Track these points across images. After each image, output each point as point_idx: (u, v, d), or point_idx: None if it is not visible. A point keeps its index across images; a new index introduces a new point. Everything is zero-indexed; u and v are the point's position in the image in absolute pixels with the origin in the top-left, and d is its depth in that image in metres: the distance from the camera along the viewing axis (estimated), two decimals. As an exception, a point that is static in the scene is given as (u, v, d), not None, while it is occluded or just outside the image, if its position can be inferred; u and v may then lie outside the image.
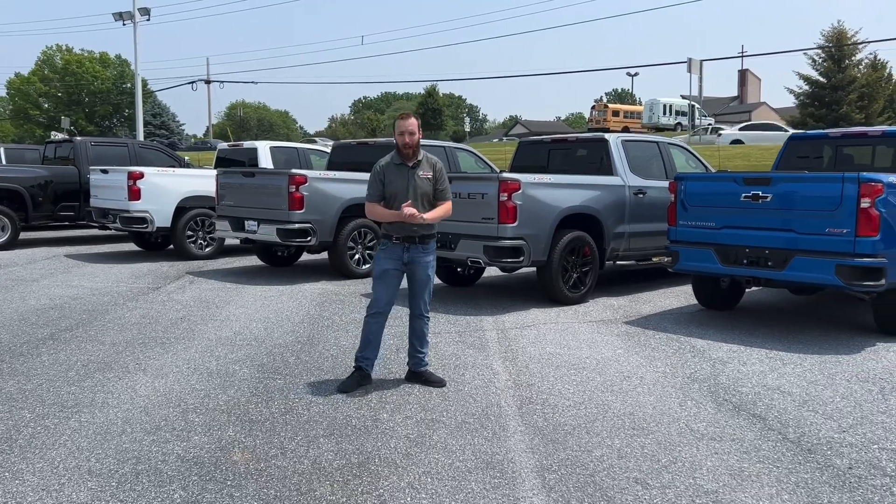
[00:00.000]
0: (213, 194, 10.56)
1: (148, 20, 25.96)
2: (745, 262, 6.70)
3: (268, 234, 9.49)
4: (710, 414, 4.56)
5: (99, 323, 6.99)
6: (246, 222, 9.87)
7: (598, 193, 8.35)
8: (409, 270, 5.05)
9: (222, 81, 62.09)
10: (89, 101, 77.13)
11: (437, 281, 9.52)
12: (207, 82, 62.44)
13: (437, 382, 5.10)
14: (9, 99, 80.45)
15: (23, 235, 14.39)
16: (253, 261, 11.50)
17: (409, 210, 4.78)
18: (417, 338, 5.16)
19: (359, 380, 5.02)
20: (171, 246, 12.05)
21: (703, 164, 10.08)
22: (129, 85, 78.93)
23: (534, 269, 8.18)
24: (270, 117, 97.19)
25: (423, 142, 4.92)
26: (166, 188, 11.48)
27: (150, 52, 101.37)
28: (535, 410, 4.60)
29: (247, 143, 13.28)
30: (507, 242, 7.53)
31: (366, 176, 5.31)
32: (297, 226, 9.22)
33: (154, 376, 5.24)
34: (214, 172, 10.98)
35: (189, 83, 57.00)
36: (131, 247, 13.41)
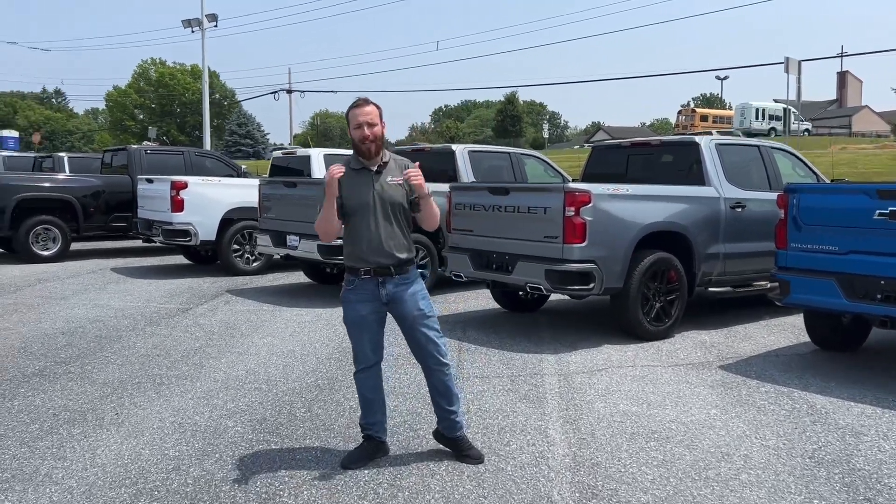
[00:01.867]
0: (261, 206, 9.68)
1: (216, 26, 25.82)
2: (878, 297, 5.24)
3: (309, 250, 8.52)
4: (851, 526, 3.22)
5: (103, 354, 6.13)
6: (288, 237, 8.94)
7: (687, 207, 6.98)
8: (395, 311, 3.80)
9: (303, 91, 62.82)
10: (180, 111, 79.58)
11: (492, 306, 8.44)
12: (289, 92, 62.99)
13: (474, 458, 3.90)
14: (108, 110, 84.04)
15: (79, 246, 14.05)
16: (300, 277, 10.59)
17: (410, 173, 3.65)
18: (442, 396, 3.91)
19: (369, 451, 3.89)
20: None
21: (813, 171, 8.52)
22: (217, 95, 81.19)
23: (607, 297, 6.89)
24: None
25: (488, 148, 3.79)
26: (211, 199, 10.70)
27: (237, 62, 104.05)
28: (598, 510, 3.36)
29: (300, 151, 12.46)
30: (575, 266, 6.27)
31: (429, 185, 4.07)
32: (339, 241, 8.18)
33: (126, 434, 4.26)
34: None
35: (271, 93, 57.56)
36: (181, 260, 12.77)
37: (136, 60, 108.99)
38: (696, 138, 7.64)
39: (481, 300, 8.79)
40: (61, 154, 15.92)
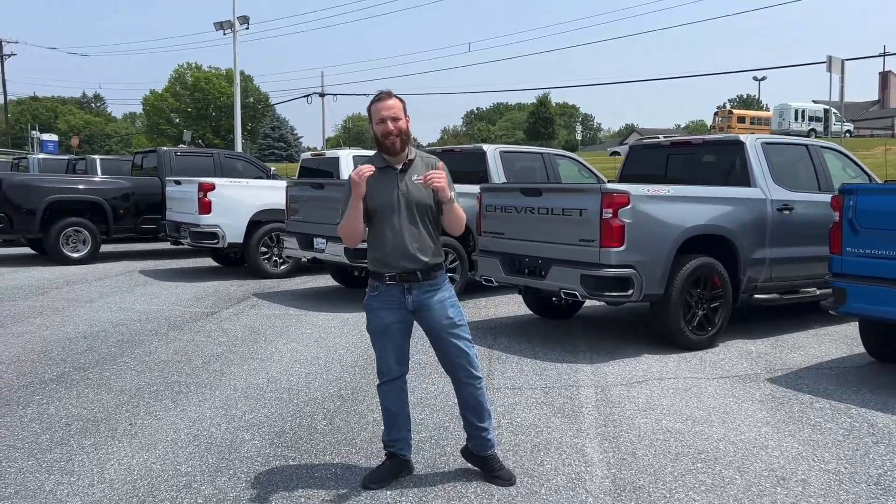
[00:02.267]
0: (288, 208, 9.49)
1: (247, 29, 25.85)
2: (945, 306, 4.83)
3: (336, 253, 8.30)
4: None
5: (123, 360, 5.96)
6: (315, 239, 8.73)
7: (732, 209, 6.61)
8: (422, 320, 3.53)
9: (335, 94, 62.96)
10: (215, 115, 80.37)
11: (524, 312, 8.12)
12: (321, 95, 63.17)
13: (505, 480, 3.61)
14: (145, 114, 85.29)
15: (110, 249, 14.04)
16: (328, 280, 10.37)
17: (431, 177, 3.33)
18: (472, 411, 3.62)
19: (392, 470, 3.62)
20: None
21: (865, 172, 8.07)
22: (251, 99, 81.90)
23: (646, 304, 6.54)
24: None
25: (520, 148, 3.48)
26: (239, 201, 10.55)
27: (271, 66, 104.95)
28: (642, 541, 3.04)
29: (329, 152, 12.27)
30: (612, 271, 5.94)
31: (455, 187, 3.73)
32: (366, 244, 7.94)
33: (139, 446, 4.04)
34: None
35: (304, 96, 57.75)
36: (210, 263, 12.65)
37: (173, 65, 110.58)
38: (742, 137, 7.25)
39: (513, 305, 8.49)
40: (94, 157, 15.96)
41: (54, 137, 55.46)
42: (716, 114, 56.91)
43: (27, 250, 14.09)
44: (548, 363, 5.93)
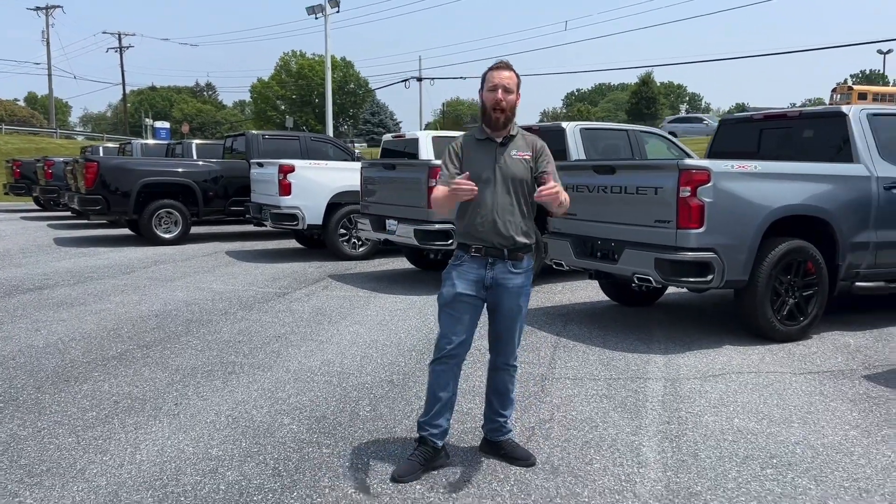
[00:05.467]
0: (367, 189, 9.41)
1: (337, 12, 26.04)
2: None
3: (406, 235, 8.13)
4: None
5: (186, 339, 6.00)
6: (387, 221, 8.60)
7: (830, 187, 5.97)
8: (492, 298, 3.39)
9: (433, 78, 62.89)
10: (318, 101, 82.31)
11: (600, 298, 7.68)
12: (419, 80, 63.47)
13: (522, 459, 3.48)
14: (252, 102, 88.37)
15: (202, 230, 14.47)
16: (404, 263, 10.25)
17: (548, 189, 3.12)
18: (499, 396, 3.53)
19: (423, 460, 3.39)
20: (328, 245, 11.17)
21: None
22: (352, 85, 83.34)
23: (731, 290, 6.02)
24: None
25: (603, 125, 3.23)
26: (318, 182, 10.56)
27: (370, 51, 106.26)
28: (688, 558, 2.69)
29: (409, 134, 12.13)
30: (690, 255, 5.47)
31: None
32: (436, 226, 7.75)
33: (177, 428, 3.98)
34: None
35: (402, 81, 58.14)
36: (295, 245, 12.80)
37: (279, 53, 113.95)
38: (844, 108, 6.55)
39: (589, 291, 8.08)
40: (191, 141, 16.47)
41: (166, 125, 58.34)
42: (834, 90, 53.36)
43: (127, 231, 14.71)
44: (617, 353, 5.55)
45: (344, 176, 10.71)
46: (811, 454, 3.62)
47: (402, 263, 10.31)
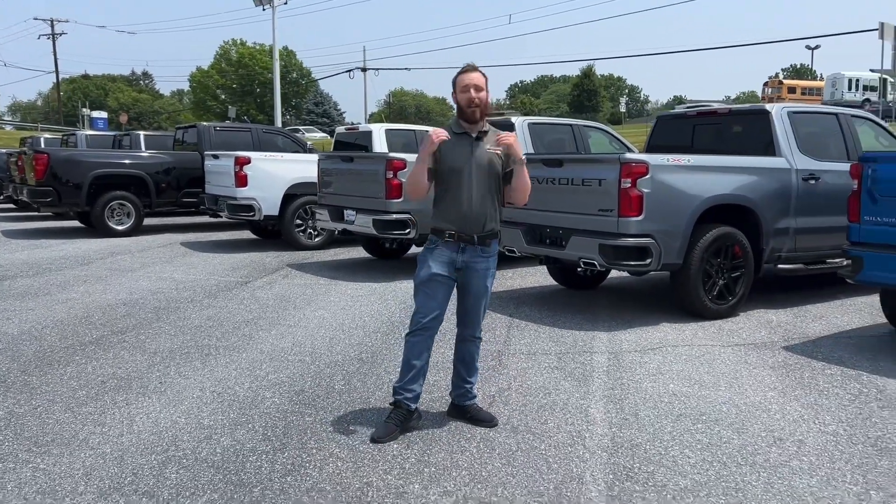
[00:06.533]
0: (322, 181, 9.72)
1: (286, 4, 26.11)
2: (963, 274, 4.80)
3: (364, 225, 8.49)
4: (911, 522, 2.95)
5: (158, 325, 6.26)
6: (345, 212, 8.94)
7: (755, 179, 6.59)
8: (462, 279, 3.86)
9: (377, 69, 63.18)
10: (260, 91, 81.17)
11: (549, 282, 8.22)
12: (363, 70, 63.40)
13: (486, 421, 3.95)
14: (191, 91, 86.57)
15: (154, 222, 14.51)
16: (360, 252, 10.61)
17: (505, 137, 3.71)
18: (465, 365, 4.01)
19: (397, 421, 3.82)
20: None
21: (899, 141, 7.92)
22: (294, 75, 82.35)
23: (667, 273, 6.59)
24: (428, 104, 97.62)
25: (549, 120, 3.74)
26: (274, 174, 10.83)
27: (313, 41, 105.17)
28: (632, 494, 3.18)
29: (362, 126, 12.45)
30: (630, 241, 6.01)
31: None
32: (394, 216, 8.14)
33: (167, 402, 4.31)
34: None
35: (346, 71, 57.99)
36: (249, 235, 13.01)
37: (218, 41, 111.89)
38: (767, 106, 7.19)
39: (539, 276, 8.60)
40: (138, 132, 16.42)
41: (104, 115, 56.96)
42: (766, 84, 55.46)
43: (76, 223, 14.64)
44: (565, 330, 6.06)
45: (299, 167, 10.99)
46: (735, 411, 4.17)
47: (358, 253, 10.66)
